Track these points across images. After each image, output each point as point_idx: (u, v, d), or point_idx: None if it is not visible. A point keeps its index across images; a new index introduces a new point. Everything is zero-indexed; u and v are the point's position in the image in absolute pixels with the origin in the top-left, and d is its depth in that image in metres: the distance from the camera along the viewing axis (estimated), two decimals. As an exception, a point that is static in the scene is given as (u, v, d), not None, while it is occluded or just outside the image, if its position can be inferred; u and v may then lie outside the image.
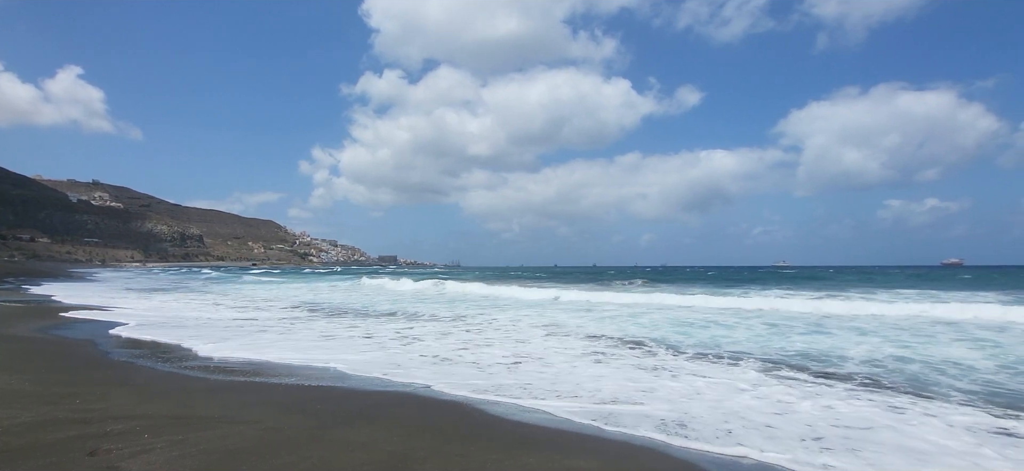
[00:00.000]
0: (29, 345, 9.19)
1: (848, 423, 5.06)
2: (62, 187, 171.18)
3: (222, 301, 21.29)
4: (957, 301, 16.56)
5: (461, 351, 9.14)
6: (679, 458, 4.26)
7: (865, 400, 5.88)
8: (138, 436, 4.13)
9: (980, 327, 11.79)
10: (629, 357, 8.63)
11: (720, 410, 5.48)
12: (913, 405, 5.71)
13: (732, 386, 6.54)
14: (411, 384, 6.61)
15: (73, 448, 3.82)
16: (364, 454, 3.96)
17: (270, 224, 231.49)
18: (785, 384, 6.66)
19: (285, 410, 5.13)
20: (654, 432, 4.82)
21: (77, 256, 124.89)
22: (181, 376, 6.87)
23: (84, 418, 4.55)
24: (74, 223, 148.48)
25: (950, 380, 6.90)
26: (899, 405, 5.68)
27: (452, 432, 4.63)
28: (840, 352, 8.94)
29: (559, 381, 6.83)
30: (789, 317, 14.16)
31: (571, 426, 5.05)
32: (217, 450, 3.91)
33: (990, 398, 6.02)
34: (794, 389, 6.40)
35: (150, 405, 5.11)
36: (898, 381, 6.89)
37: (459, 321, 14.21)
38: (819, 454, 4.25)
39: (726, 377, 7.08)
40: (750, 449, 4.38)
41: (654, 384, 6.66)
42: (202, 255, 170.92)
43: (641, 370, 7.55)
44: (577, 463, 3.96)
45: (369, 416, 5.07)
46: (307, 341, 10.24)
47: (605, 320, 14.04)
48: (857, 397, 6.03)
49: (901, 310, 14.99)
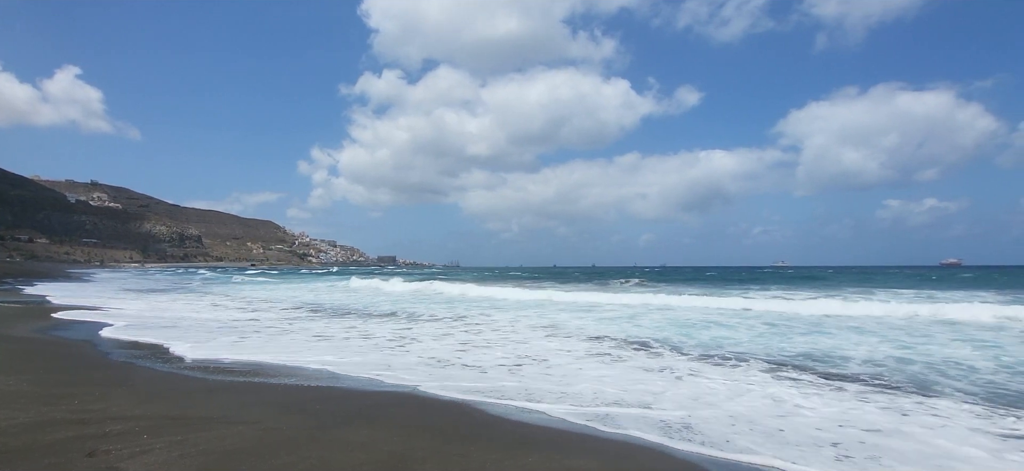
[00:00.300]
0: (27, 345, 9.15)
1: (859, 425, 5.02)
2: (60, 187, 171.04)
3: (221, 302, 21.26)
4: (954, 301, 16.59)
5: (459, 353, 9.12)
6: (681, 459, 4.24)
7: (873, 403, 5.83)
8: (137, 437, 4.10)
9: (979, 328, 11.79)
10: (633, 358, 8.62)
11: (726, 411, 5.46)
12: (919, 406, 5.69)
13: (737, 388, 6.51)
14: (409, 384, 6.58)
15: (72, 449, 3.80)
16: (363, 454, 3.93)
17: (269, 224, 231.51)
18: (790, 385, 6.65)
19: (284, 410, 5.11)
20: (657, 434, 4.80)
21: (75, 257, 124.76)
22: (180, 377, 6.84)
23: (82, 419, 4.53)
24: (72, 224, 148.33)
25: (951, 381, 6.89)
26: (907, 407, 5.64)
27: (451, 432, 4.61)
28: (842, 352, 8.93)
29: (560, 382, 6.81)
30: (790, 317, 14.17)
31: (571, 426, 5.04)
32: (216, 450, 3.89)
33: (994, 399, 6.01)
34: (801, 390, 6.39)
35: (149, 406, 5.09)
36: (901, 381, 6.88)
37: (459, 321, 14.19)
38: (835, 464, 4.09)
39: (731, 378, 7.07)
40: (759, 456, 4.25)
41: (656, 386, 6.64)
42: (201, 256, 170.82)
43: (644, 371, 7.54)
44: (577, 463, 3.95)
45: (368, 416, 5.05)
46: (301, 342, 10.20)
47: (604, 321, 14.02)
48: (865, 399, 5.99)
49: (897, 310, 15.00)
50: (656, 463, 4.15)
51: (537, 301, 21.36)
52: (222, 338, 10.47)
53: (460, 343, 10.17)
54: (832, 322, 13.09)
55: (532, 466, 3.84)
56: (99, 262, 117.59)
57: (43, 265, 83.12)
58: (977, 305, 15.14)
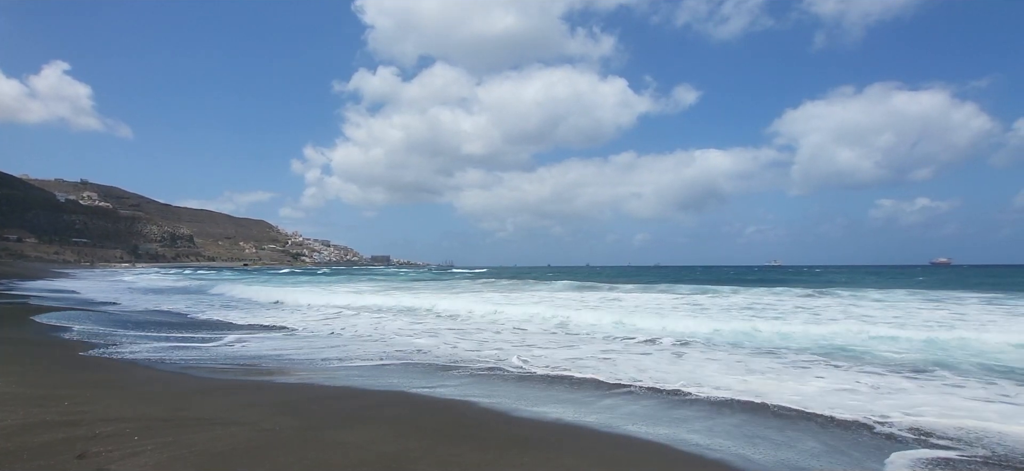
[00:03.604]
0: (16, 346, 9.05)
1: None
2: (49, 186, 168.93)
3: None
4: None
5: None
6: (680, 452, 4.27)
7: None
8: (128, 438, 4.08)
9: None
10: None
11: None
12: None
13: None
14: (402, 384, 6.58)
15: (62, 451, 3.77)
16: (358, 454, 3.93)
17: (262, 224, 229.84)
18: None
19: (278, 411, 5.10)
20: (652, 426, 4.83)
21: (65, 257, 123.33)
22: (173, 377, 6.80)
23: (73, 420, 4.49)
24: (62, 223, 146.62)
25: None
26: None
27: (446, 432, 4.62)
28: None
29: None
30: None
31: (564, 425, 5.06)
32: (209, 452, 3.87)
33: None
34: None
35: (141, 406, 5.05)
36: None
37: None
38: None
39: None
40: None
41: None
42: (193, 255, 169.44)
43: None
44: (571, 462, 3.97)
45: (362, 416, 5.05)
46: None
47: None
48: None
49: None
50: (652, 459, 4.19)
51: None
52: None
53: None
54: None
55: (526, 465, 3.85)
56: (89, 262, 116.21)
57: (33, 265, 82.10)
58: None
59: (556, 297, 21.17)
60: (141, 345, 9.45)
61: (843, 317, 13.33)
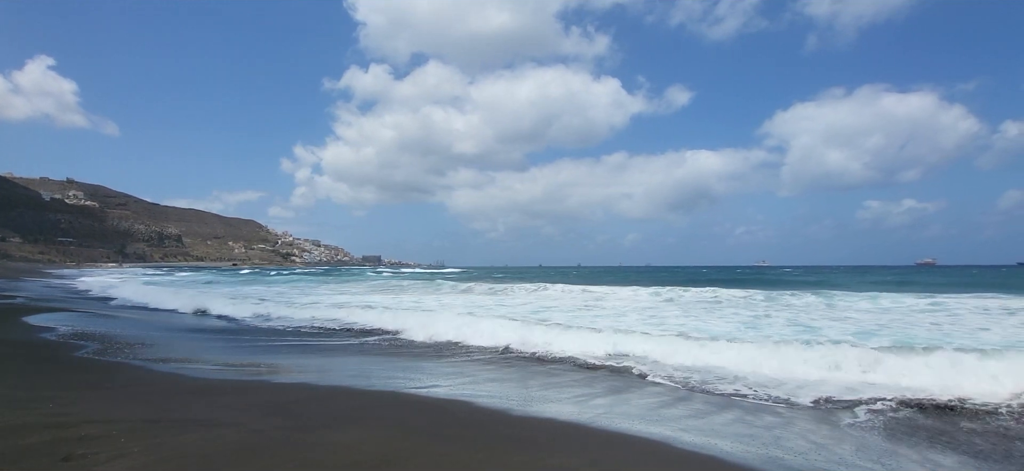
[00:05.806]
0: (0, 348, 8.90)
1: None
2: (34, 185, 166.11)
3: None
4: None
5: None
6: (677, 448, 4.30)
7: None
8: (114, 440, 4.02)
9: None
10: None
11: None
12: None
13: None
14: (394, 384, 6.57)
15: (46, 454, 3.71)
16: (348, 455, 3.91)
17: (251, 224, 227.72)
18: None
19: (267, 412, 5.06)
20: (645, 424, 4.86)
21: (51, 256, 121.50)
22: (160, 378, 6.73)
23: (58, 422, 4.42)
24: (47, 222, 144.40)
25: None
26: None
27: (436, 432, 4.61)
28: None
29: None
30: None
31: (555, 423, 5.07)
32: (195, 453, 3.83)
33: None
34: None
35: (127, 408, 4.99)
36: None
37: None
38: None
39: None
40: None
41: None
42: (181, 255, 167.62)
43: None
44: (561, 460, 3.98)
45: (352, 417, 5.03)
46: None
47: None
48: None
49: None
50: (641, 456, 4.22)
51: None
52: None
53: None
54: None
55: (517, 464, 3.86)
56: (75, 263, 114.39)
57: (18, 265, 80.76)
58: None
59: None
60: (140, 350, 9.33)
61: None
